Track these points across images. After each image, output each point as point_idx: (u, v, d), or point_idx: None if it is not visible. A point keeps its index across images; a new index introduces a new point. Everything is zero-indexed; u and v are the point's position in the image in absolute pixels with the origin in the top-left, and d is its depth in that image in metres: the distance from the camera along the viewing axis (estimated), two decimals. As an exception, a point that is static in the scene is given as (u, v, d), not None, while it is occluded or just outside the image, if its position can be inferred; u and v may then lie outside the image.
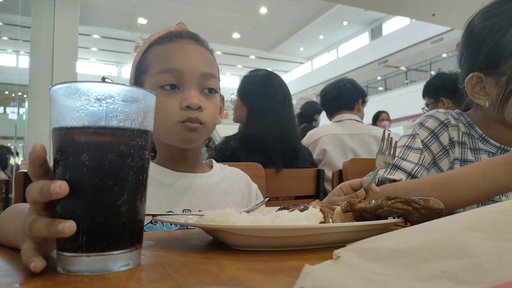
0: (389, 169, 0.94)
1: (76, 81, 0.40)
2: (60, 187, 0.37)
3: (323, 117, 3.49)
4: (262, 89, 1.81)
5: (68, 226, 0.37)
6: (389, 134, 0.83)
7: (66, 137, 0.39)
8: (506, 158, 0.72)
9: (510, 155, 0.72)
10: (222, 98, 0.98)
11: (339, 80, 2.61)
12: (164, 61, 0.86)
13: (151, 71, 0.88)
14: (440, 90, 2.61)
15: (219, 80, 0.93)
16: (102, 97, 0.39)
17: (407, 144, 0.98)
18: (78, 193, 0.39)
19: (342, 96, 2.53)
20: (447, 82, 2.61)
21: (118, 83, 0.41)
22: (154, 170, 0.89)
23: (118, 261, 0.40)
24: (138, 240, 0.42)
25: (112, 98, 0.40)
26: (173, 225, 0.83)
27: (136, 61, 0.93)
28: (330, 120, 2.61)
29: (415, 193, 0.78)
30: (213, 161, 1.04)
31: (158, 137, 0.90)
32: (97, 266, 0.38)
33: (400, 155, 0.96)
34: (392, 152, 0.80)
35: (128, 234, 0.41)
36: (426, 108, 2.71)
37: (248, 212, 0.68)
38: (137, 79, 0.92)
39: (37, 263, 0.37)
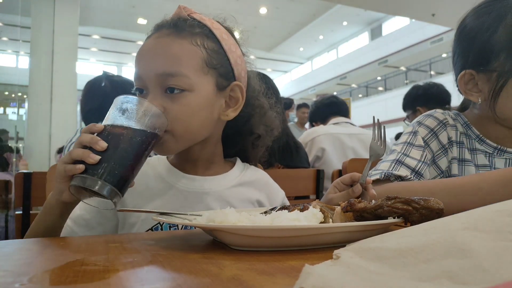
0: (393, 164, 0.95)
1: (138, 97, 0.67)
2: (102, 144, 0.59)
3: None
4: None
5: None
6: (378, 119, 0.85)
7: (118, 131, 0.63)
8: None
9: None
10: (237, 86, 0.83)
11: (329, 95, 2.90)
12: (135, 63, 0.80)
13: None
14: (415, 100, 2.67)
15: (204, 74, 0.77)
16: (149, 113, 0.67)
17: (408, 140, 0.99)
18: (115, 147, 0.61)
19: (338, 104, 2.72)
20: (420, 91, 2.67)
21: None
22: (164, 168, 0.86)
23: (112, 192, 0.59)
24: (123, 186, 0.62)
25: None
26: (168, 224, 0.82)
27: None
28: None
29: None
30: (238, 159, 0.94)
31: None
32: (106, 188, 0.58)
33: (403, 151, 0.97)
34: (383, 142, 0.83)
35: (125, 180, 0.61)
36: (407, 120, 2.73)
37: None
38: None
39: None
